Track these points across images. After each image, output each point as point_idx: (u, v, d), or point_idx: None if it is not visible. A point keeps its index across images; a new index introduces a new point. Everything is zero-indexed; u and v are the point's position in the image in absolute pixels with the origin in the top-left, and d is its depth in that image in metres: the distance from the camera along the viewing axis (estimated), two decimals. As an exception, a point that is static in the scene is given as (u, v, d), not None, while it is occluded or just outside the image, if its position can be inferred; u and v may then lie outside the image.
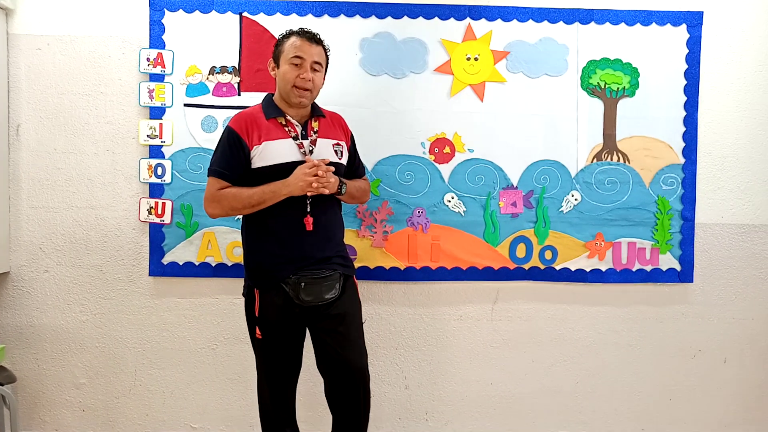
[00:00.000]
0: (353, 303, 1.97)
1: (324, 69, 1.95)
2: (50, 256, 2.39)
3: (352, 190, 1.97)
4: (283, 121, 1.89)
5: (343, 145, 1.98)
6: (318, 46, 1.89)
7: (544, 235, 2.41)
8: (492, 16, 2.39)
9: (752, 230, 2.50)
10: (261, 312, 1.88)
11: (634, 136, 2.42)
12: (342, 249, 1.98)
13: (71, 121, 2.37)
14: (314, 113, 1.96)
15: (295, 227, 1.85)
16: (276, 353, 1.92)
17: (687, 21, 2.43)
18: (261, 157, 1.84)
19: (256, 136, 1.85)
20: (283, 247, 1.85)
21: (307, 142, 1.89)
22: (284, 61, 1.87)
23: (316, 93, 1.92)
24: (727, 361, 2.52)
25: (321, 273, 1.86)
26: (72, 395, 2.43)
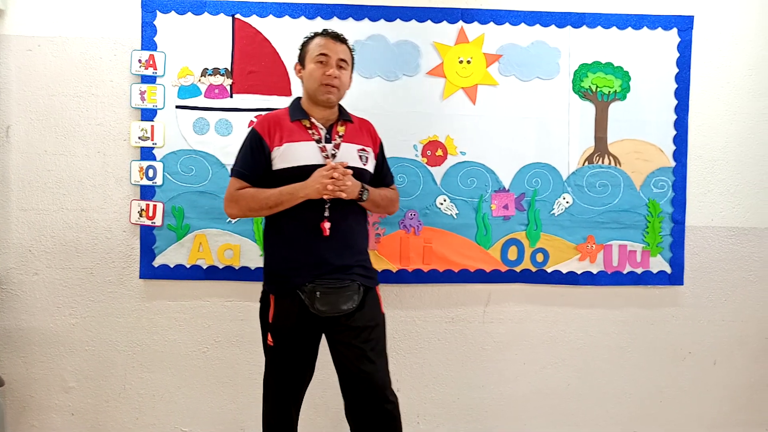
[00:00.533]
0: (374, 316, 1.86)
1: (350, 68, 1.92)
2: (40, 259, 2.37)
3: (376, 198, 1.90)
4: (307, 123, 1.86)
5: (369, 152, 1.92)
6: (342, 45, 1.88)
7: (536, 238, 2.42)
8: (484, 20, 2.40)
9: (742, 233, 2.52)
10: (275, 318, 1.83)
11: (625, 139, 2.44)
12: (364, 259, 1.89)
13: (62, 123, 2.35)
14: (341, 117, 1.92)
15: (313, 232, 1.79)
16: (286, 362, 1.84)
17: (678, 25, 2.45)
18: (282, 159, 1.82)
19: (278, 138, 1.83)
20: (299, 253, 1.80)
21: (331, 146, 1.85)
22: (310, 60, 1.85)
23: (344, 91, 1.90)
24: (717, 363, 2.54)
25: (338, 282, 1.78)
26: (61, 399, 2.41)
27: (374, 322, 1.85)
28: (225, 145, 2.34)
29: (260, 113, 2.34)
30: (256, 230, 2.35)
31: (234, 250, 2.35)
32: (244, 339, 2.41)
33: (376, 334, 1.84)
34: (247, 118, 2.35)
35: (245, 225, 2.35)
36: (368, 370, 1.79)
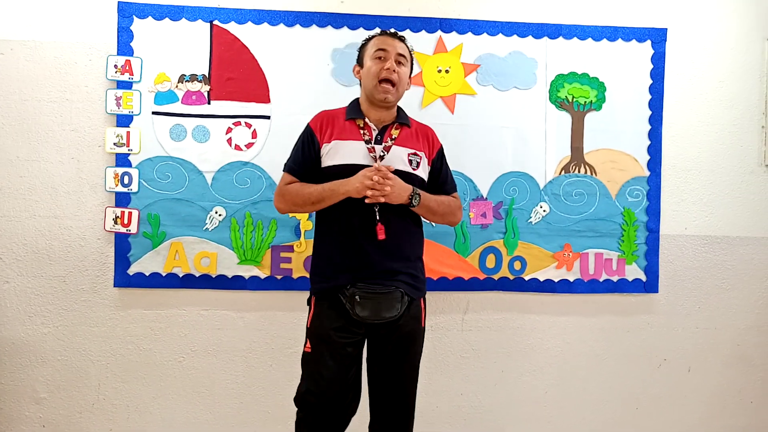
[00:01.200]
0: (414, 329, 1.80)
1: (410, 66, 1.88)
2: (11, 267, 2.32)
3: (431, 204, 1.81)
4: (361, 123, 1.83)
5: (421, 156, 1.85)
6: (401, 42, 1.85)
7: (514, 246, 2.44)
8: (463, 30, 2.42)
9: (715, 241, 2.57)
10: (313, 321, 1.77)
11: (601, 148, 2.47)
12: (414, 267, 1.81)
13: (35, 128, 2.31)
14: (398, 120, 1.87)
15: (358, 233, 1.73)
16: (323, 372, 1.71)
17: (651, 37, 2.49)
18: (329, 156, 1.80)
19: (328, 134, 1.81)
20: (342, 254, 1.75)
21: (380, 147, 1.80)
22: (368, 57, 1.83)
23: (402, 90, 1.85)
24: (692, 370, 2.58)
25: (381, 287, 1.71)
26: (32, 410, 2.35)
27: (413, 335, 1.80)
28: (202, 152, 2.32)
29: (238, 119, 2.34)
30: (233, 238, 2.33)
31: (211, 258, 2.33)
32: (221, 348, 2.38)
33: (413, 348, 1.80)
34: (225, 125, 2.33)
35: (222, 233, 2.33)
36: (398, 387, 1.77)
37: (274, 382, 2.39)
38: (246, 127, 2.34)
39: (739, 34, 2.55)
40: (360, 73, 1.88)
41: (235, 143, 2.33)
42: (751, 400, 2.61)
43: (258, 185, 2.34)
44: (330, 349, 1.73)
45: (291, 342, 2.39)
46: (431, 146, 1.92)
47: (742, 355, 2.59)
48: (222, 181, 2.33)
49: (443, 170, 1.95)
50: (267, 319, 2.38)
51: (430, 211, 1.84)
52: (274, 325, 2.39)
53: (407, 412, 1.82)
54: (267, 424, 2.40)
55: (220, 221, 2.33)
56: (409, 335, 1.79)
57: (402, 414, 1.80)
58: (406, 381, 1.79)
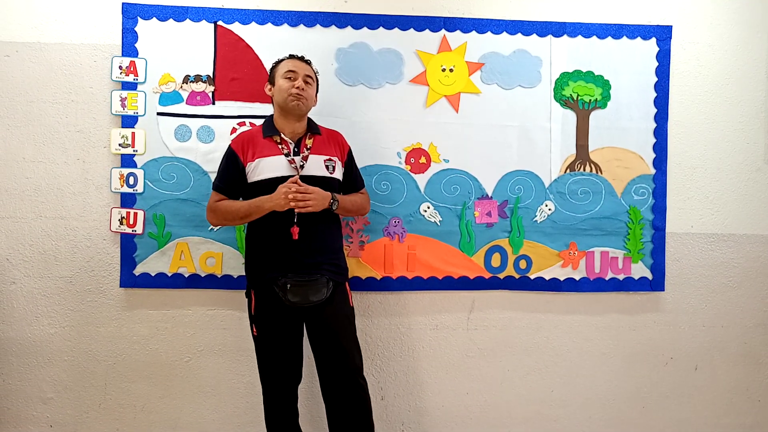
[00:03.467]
0: (344, 308, 2.05)
1: (315, 85, 2.11)
2: (18, 268, 2.33)
3: (346, 205, 2.08)
4: (278, 139, 2.04)
5: (335, 161, 2.09)
6: (308, 65, 2.09)
7: (519, 245, 2.43)
8: (467, 28, 2.41)
9: (721, 239, 2.55)
10: (256, 310, 2.01)
11: (606, 147, 2.46)
12: (336, 258, 2.06)
13: (41, 130, 2.32)
14: (310, 131, 2.09)
15: (283, 236, 1.97)
16: (271, 351, 2.01)
17: (656, 35, 2.48)
18: (255, 173, 2.01)
19: (250, 154, 2.02)
20: (273, 253, 1.98)
21: (299, 158, 2.02)
22: (279, 77, 2.04)
23: (310, 104, 2.08)
24: (698, 368, 2.57)
25: (308, 276, 1.96)
26: (39, 410, 2.36)
27: (343, 313, 2.04)
28: (207, 152, 2.33)
29: (243, 120, 2.34)
30: (239, 238, 2.34)
31: (216, 258, 2.34)
32: (227, 348, 2.38)
33: (346, 324, 2.04)
34: (230, 125, 2.34)
35: (227, 233, 2.34)
36: (341, 356, 1.99)
37: (279, 382, 2.39)
38: (250, 126, 2.34)
39: (744, 31, 2.53)
40: (272, 91, 2.08)
41: (240, 143, 2.34)
42: (759, 398, 2.59)
43: (263, 185, 2.34)
44: (273, 329, 1.99)
45: (296, 342, 2.39)
46: (342, 150, 2.15)
47: (749, 353, 2.58)
48: (227, 182, 2.33)
49: (353, 170, 2.20)
50: (272, 318, 2.39)
51: (346, 210, 2.10)
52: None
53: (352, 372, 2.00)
54: (273, 423, 2.40)
55: (225, 221, 2.33)
56: (340, 311, 2.03)
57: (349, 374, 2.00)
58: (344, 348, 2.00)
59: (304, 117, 2.09)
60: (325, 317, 1.99)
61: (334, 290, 2.01)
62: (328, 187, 2.01)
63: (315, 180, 1.99)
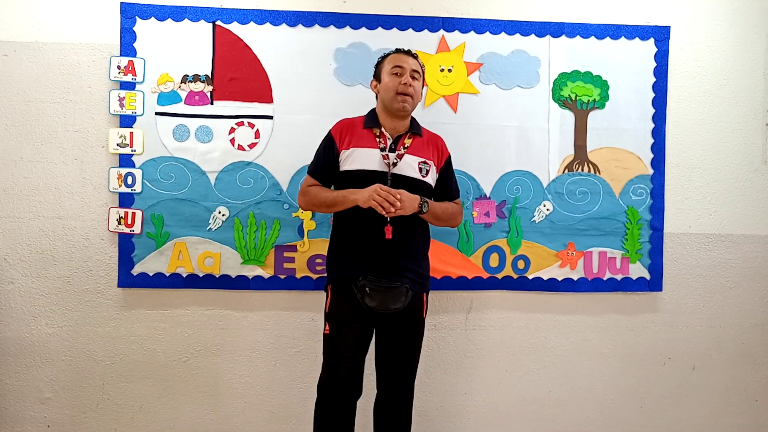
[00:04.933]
0: (418, 319, 2.00)
1: (422, 80, 2.04)
2: (15, 267, 2.33)
3: (437, 211, 1.99)
4: (377, 132, 2.00)
5: (430, 165, 2.03)
6: (414, 59, 2.02)
7: (517, 245, 2.43)
8: (465, 29, 2.41)
9: (719, 240, 2.56)
10: (331, 307, 1.96)
11: (604, 147, 2.47)
12: (419, 265, 1.99)
13: (38, 130, 2.32)
14: (411, 131, 2.03)
15: (373, 234, 1.91)
16: (340, 350, 1.92)
17: (655, 35, 2.49)
18: (348, 161, 1.97)
19: (347, 141, 1.98)
20: (356, 250, 1.93)
21: (393, 155, 1.97)
22: (385, 73, 1.99)
23: (417, 100, 2.01)
24: (696, 368, 2.57)
25: (388, 282, 1.89)
26: (37, 410, 2.36)
27: (415, 326, 2.00)
28: (205, 152, 2.33)
29: (241, 119, 2.34)
30: (237, 238, 2.34)
31: (214, 257, 2.33)
32: (225, 348, 2.38)
33: (415, 333, 2.01)
34: (228, 125, 2.34)
35: (226, 233, 2.34)
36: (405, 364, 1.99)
37: (278, 382, 2.39)
38: (249, 127, 2.34)
39: (742, 31, 2.54)
40: (377, 87, 2.04)
41: (238, 143, 2.34)
42: (756, 398, 2.60)
43: (261, 185, 2.34)
44: (345, 329, 1.92)
45: (295, 341, 2.39)
46: (440, 155, 2.08)
47: (747, 353, 2.59)
48: (225, 181, 2.33)
49: (449, 178, 2.11)
50: (271, 318, 2.39)
51: (436, 217, 2.00)
52: (278, 325, 2.39)
53: (409, 388, 2.04)
54: (271, 423, 2.40)
55: (223, 221, 2.33)
56: (412, 324, 1.99)
57: (405, 390, 2.02)
58: (408, 362, 2.01)
59: (408, 116, 2.04)
60: (398, 327, 1.95)
61: (412, 299, 1.94)
62: (418, 190, 1.94)
63: (405, 181, 1.94)
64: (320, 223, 2.35)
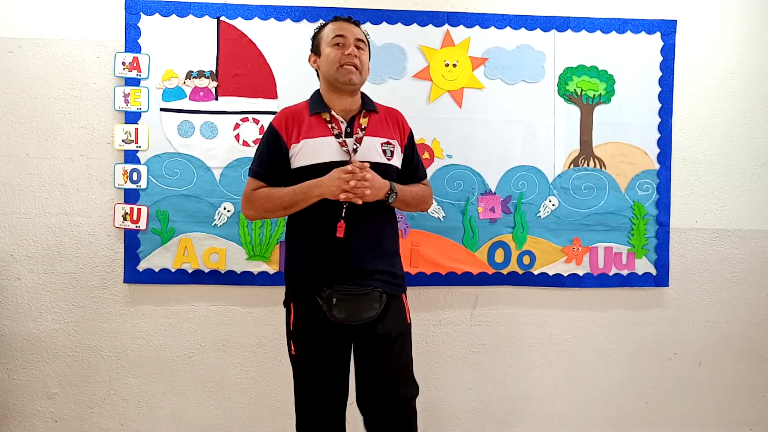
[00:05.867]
0: (398, 325, 1.73)
1: (367, 50, 1.80)
2: (22, 264, 2.34)
3: (406, 198, 1.77)
4: (327, 117, 1.74)
5: (394, 144, 1.78)
6: (357, 27, 1.79)
7: (523, 240, 2.43)
8: (470, 23, 2.40)
9: (725, 235, 2.55)
10: (295, 325, 1.73)
11: (610, 142, 2.45)
12: (391, 263, 1.76)
13: (44, 126, 2.32)
14: (365, 108, 1.79)
15: (331, 234, 1.67)
16: (312, 373, 1.70)
17: (661, 29, 2.47)
18: (300, 157, 1.71)
19: (295, 134, 1.72)
20: (317, 256, 1.69)
21: (351, 141, 1.72)
22: (325, 44, 1.75)
23: (365, 74, 1.78)
24: (702, 364, 2.56)
25: (358, 288, 1.66)
26: (44, 406, 2.37)
27: (397, 332, 1.72)
28: (210, 148, 2.33)
29: (246, 115, 2.34)
30: (242, 233, 2.34)
31: (219, 253, 2.34)
32: (230, 343, 2.39)
33: (398, 345, 1.73)
34: (233, 121, 2.33)
35: (231, 228, 2.34)
36: (390, 385, 1.70)
37: (283, 377, 2.40)
38: (254, 122, 2.34)
39: (749, 25, 2.52)
40: (317, 62, 1.80)
41: (243, 139, 2.34)
42: (763, 394, 2.59)
43: (266, 181, 2.34)
44: (313, 349, 1.70)
45: (300, 337, 2.40)
46: (402, 131, 1.85)
47: (754, 349, 2.57)
48: (230, 177, 2.33)
49: (415, 157, 1.89)
50: (276, 314, 2.39)
51: (405, 203, 1.80)
52: (283, 320, 2.37)
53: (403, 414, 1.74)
54: (277, 418, 2.41)
55: (228, 217, 2.33)
56: (393, 333, 1.72)
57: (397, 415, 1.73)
58: (394, 380, 1.72)
59: (358, 91, 1.79)
60: (374, 337, 1.68)
61: (388, 303, 1.70)
62: (384, 175, 1.70)
63: (370, 167, 1.68)
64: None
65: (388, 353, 1.70)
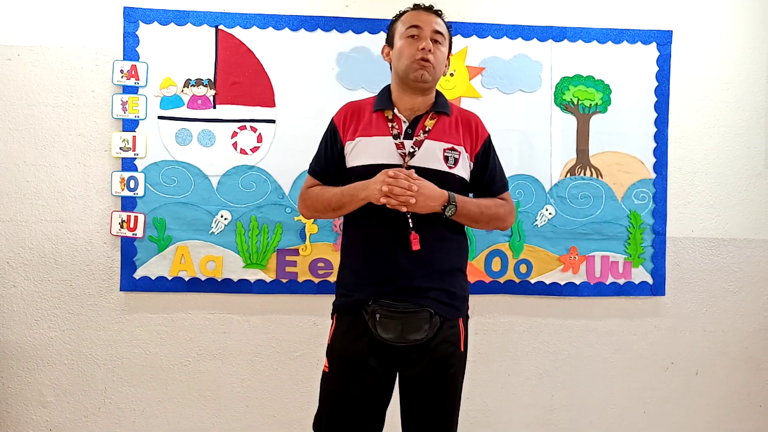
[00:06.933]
0: (451, 353, 1.55)
1: (447, 46, 1.64)
2: (18, 271, 2.33)
3: (471, 211, 1.56)
4: (390, 115, 1.59)
5: (460, 151, 1.59)
6: (437, 17, 1.62)
7: (519, 249, 2.43)
8: (467, 33, 2.42)
9: (722, 244, 2.55)
10: (333, 338, 1.57)
11: (607, 151, 2.46)
12: (450, 283, 1.56)
13: (42, 133, 2.32)
14: (436, 108, 1.62)
15: (388, 243, 1.52)
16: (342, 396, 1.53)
17: (657, 40, 2.49)
18: (354, 155, 1.58)
19: (352, 130, 1.59)
20: (366, 266, 1.54)
21: (410, 143, 1.56)
22: (399, 36, 1.59)
23: (440, 71, 1.61)
24: (699, 373, 2.56)
25: (405, 306, 1.50)
26: (38, 414, 2.36)
27: (448, 363, 1.54)
28: (207, 156, 2.33)
29: (243, 124, 2.34)
30: (239, 241, 2.34)
31: (216, 261, 2.34)
32: (227, 352, 2.38)
33: (450, 378, 1.55)
34: (231, 129, 2.34)
35: (228, 236, 2.34)
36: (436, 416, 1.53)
37: (280, 386, 2.39)
38: (251, 131, 2.34)
39: (745, 35, 2.54)
40: (390, 55, 1.64)
41: (241, 147, 2.34)
42: (760, 403, 2.59)
43: (263, 189, 2.34)
44: (350, 369, 1.53)
45: (297, 345, 2.39)
46: (475, 137, 1.65)
47: (750, 358, 2.58)
48: (227, 185, 2.33)
49: (490, 166, 1.67)
50: (273, 322, 2.39)
51: (471, 219, 1.59)
52: (280, 329, 2.39)
53: None
54: (273, 427, 2.40)
55: (225, 225, 2.33)
56: (443, 361, 1.53)
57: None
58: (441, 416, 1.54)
59: (431, 89, 1.62)
60: (423, 366, 1.51)
61: (441, 327, 1.52)
62: (443, 184, 1.53)
63: (427, 174, 1.52)
64: (322, 226, 2.35)
65: (436, 386, 1.53)
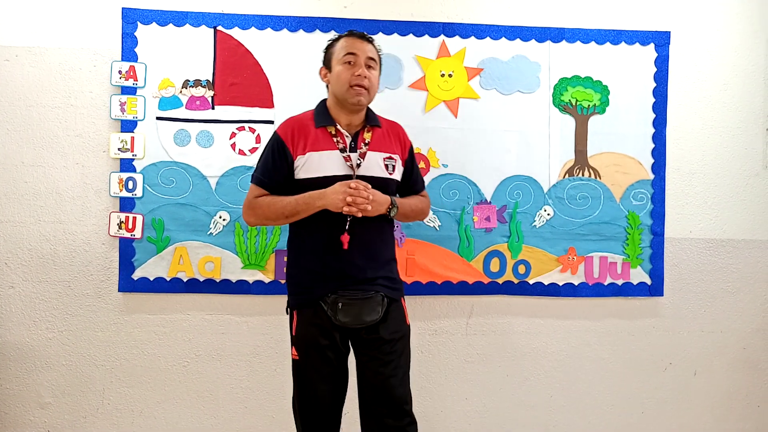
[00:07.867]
0: (399, 328, 1.82)
1: (378, 68, 1.85)
2: (16, 272, 2.33)
3: (405, 211, 1.85)
4: (332, 130, 1.79)
5: (396, 159, 1.85)
6: (369, 44, 1.82)
7: (518, 250, 2.43)
8: (466, 34, 2.42)
9: (719, 245, 2.56)
10: (298, 330, 1.78)
11: (605, 152, 2.47)
12: (389, 270, 1.84)
13: (40, 134, 2.32)
14: (369, 123, 1.85)
15: (334, 245, 1.74)
16: (314, 376, 1.76)
17: (655, 41, 2.49)
18: (305, 169, 1.76)
19: (301, 146, 1.77)
20: (321, 265, 1.76)
21: (356, 155, 1.78)
22: (336, 62, 1.78)
23: (374, 93, 1.83)
24: (697, 374, 2.56)
25: (362, 293, 1.74)
26: (37, 415, 2.35)
27: (399, 334, 1.81)
28: (206, 157, 2.33)
29: (242, 125, 2.34)
30: (237, 242, 2.34)
31: (215, 262, 2.33)
32: (225, 353, 2.38)
33: (399, 347, 1.81)
34: (229, 130, 2.34)
35: (226, 237, 2.33)
36: (391, 383, 1.76)
37: (278, 387, 2.39)
38: (250, 132, 2.34)
39: (742, 36, 2.54)
40: (327, 77, 1.84)
41: (239, 148, 2.34)
42: (758, 403, 2.59)
43: (262, 190, 2.34)
44: (318, 353, 1.76)
45: (295, 346, 2.39)
46: (403, 146, 1.92)
47: (749, 358, 2.58)
48: (226, 186, 2.33)
49: (414, 170, 1.97)
50: (271, 323, 2.38)
51: (405, 216, 1.89)
52: (279, 330, 2.39)
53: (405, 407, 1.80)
54: (271, 428, 2.40)
55: (224, 226, 2.33)
56: (396, 335, 1.80)
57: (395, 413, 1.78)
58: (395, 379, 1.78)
59: (364, 108, 1.85)
60: (377, 340, 1.76)
61: (389, 307, 1.78)
62: (385, 189, 1.78)
63: (372, 181, 1.75)
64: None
65: (388, 353, 1.77)
